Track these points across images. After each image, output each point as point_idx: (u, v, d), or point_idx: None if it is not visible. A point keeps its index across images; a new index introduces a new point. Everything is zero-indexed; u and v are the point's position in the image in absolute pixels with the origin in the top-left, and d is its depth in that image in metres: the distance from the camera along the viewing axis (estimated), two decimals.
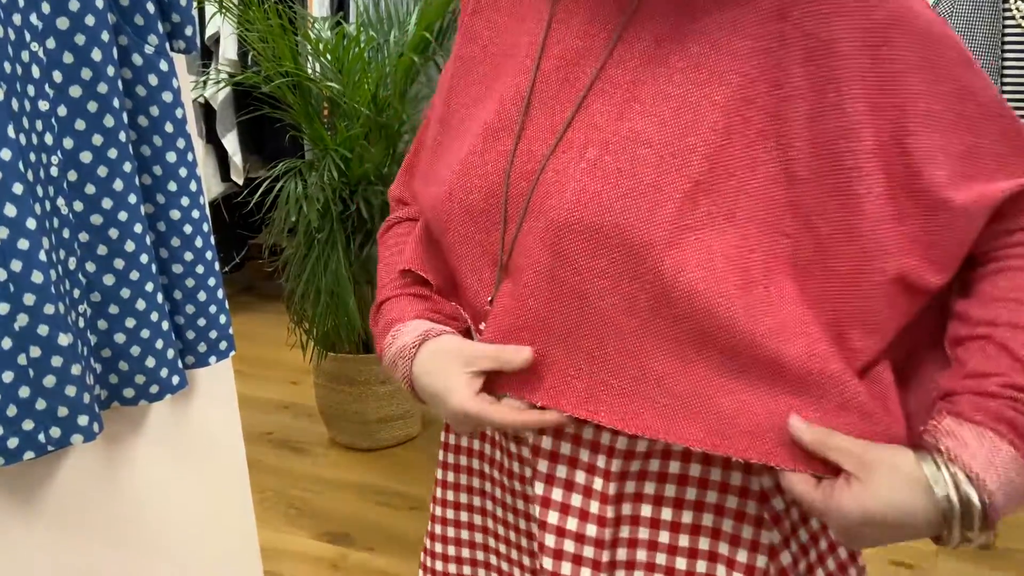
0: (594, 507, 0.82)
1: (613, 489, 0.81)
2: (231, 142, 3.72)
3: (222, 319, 1.71)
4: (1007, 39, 2.46)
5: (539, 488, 0.84)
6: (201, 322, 1.67)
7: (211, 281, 1.67)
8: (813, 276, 0.74)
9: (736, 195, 0.73)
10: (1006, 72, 2.49)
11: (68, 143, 1.40)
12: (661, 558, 0.82)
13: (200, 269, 1.64)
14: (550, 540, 0.83)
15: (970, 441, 0.67)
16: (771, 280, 0.74)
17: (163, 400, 1.71)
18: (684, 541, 0.81)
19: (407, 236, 0.99)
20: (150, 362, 1.55)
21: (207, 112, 3.70)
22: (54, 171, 1.37)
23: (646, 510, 0.82)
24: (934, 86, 0.71)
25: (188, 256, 1.62)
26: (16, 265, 1.28)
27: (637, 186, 0.74)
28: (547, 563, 0.83)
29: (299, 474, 2.76)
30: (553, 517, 0.83)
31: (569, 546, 0.83)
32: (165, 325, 1.57)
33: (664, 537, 0.82)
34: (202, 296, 1.66)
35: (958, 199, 0.71)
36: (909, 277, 0.72)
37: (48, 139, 1.36)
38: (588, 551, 0.82)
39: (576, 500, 0.83)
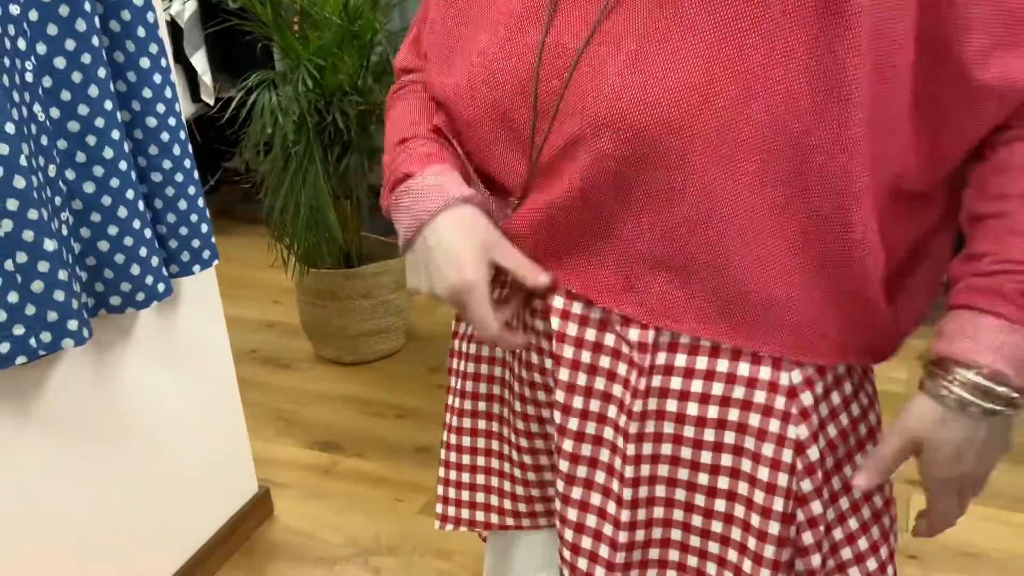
0: (619, 391, 0.81)
1: (642, 384, 0.79)
2: (199, 60, 3.66)
3: (204, 228, 1.72)
4: None
5: (564, 374, 0.82)
6: (183, 231, 1.68)
7: (191, 190, 1.68)
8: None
9: (792, 83, 0.67)
10: None
11: (41, 48, 1.39)
12: (686, 452, 0.80)
13: (179, 177, 1.65)
14: (573, 424, 0.82)
15: (958, 329, 0.70)
16: (821, 170, 0.70)
17: (150, 308, 1.74)
18: (710, 436, 0.79)
19: (427, 96, 0.89)
20: (135, 269, 1.56)
21: (173, 31, 3.64)
22: (29, 77, 1.36)
23: (671, 405, 0.79)
24: None
25: (167, 164, 1.62)
26: None
27: (686, 80, 0.68)
28: (568, 437, 0.83)
29: (286, 388, 2.80)
30: (578, 402, 0.82)
31: (591, 428, 0.82)
32: (148, 233, 1.58)
33: (689, 432, 0.79)
34: (183, 205, 1.66)
35: (984, 77, 0.69)
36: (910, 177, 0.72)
37: (21, 44, 1.34)
38: (614, 440, 0.82)
39: (600, 384, 0.81)
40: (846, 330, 0.76)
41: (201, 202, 1.70)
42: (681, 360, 0.78)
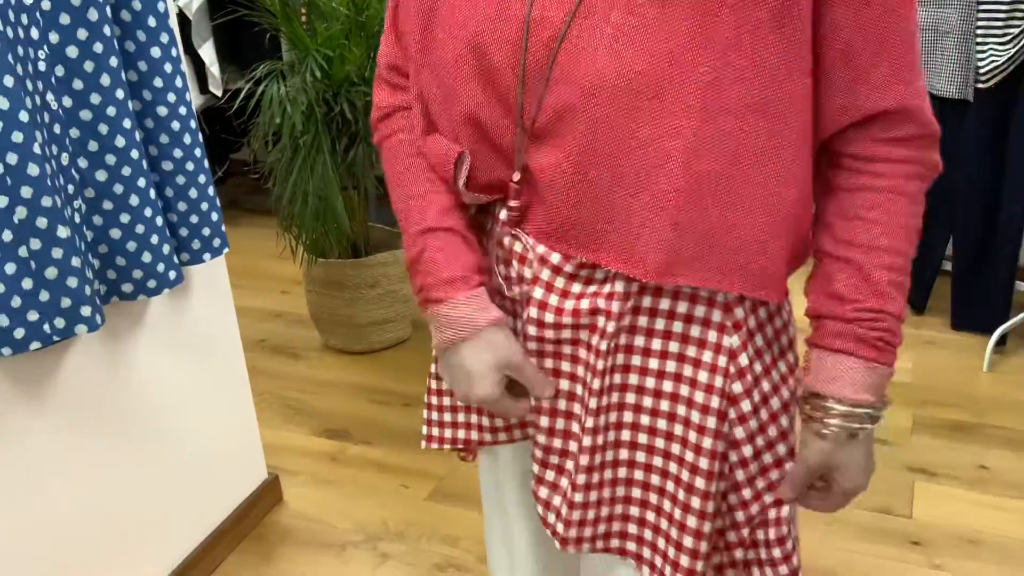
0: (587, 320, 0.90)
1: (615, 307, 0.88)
2: (207, 52, 3.68)
3: (214, 216, 1.74)
4: None
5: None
6: (194, 219, 1.70)
7: (201, 179, 1.69)
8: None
9: (761, 49, 0.76)
10: None
11: (54, 37, 1.41)
12: (636, 360, 0.89)
13: (190, 166, 1.66)
14: (532, 345, 0.93)
15: (828, 371, 0.86)
16: (788, 125, 0.80)
17: (161, 296, 1.76)
18: (656, 345, 0.88)
19: (412, 134, 0.97)
20: (146, 257, 1.58)
21: (181, 22, 3.65)
22: (42, 66, 1.38)
23: (627, 320, 0.88)
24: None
25: (177, 153, 1.64)
26: (12, 158, 1.30)
27: (669, 51, 0.75)
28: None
29: (295, 377, 2.82)
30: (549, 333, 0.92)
31: (567, 350, 0.92)
32: (159, 221, 1.60)
33: (639, 341, 0.89)
34: (193, 193, 1.68)
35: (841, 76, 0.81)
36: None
37: (34, 33, 1.36)
38: (585, 357, 0.91)
39: (567, 319, 0.90)
40: (788, 265, 0.87)
41: (211, 191, 1.72)
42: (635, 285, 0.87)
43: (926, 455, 2.31)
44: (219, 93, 3.76)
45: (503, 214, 0.92)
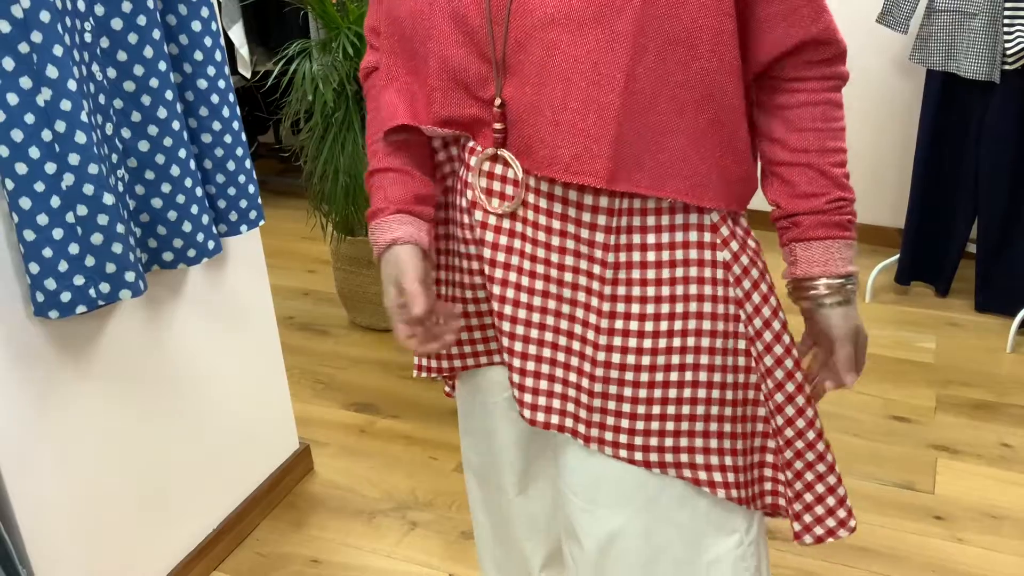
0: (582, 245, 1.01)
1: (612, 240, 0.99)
2: (237, 33, 3.72)
3: (251, 189, 1.77)
4: None
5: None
6: (231, 191, 1.74)
7: (239, 151, 1.73)
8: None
9: None
10: None
11: (99, 10, 1.44)
12: (637, 290, 1.00)
13: (228, 139, 1.70)
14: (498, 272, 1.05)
15: (819, 256, 1.02)
16: (713, 54, 0.92)
17: (199, 266, 1.80)
18: (651, 271, 0.99)
19: (377, 90, 1.10)
20: (186, 227, 1.62)
21: None
22: (87, 37, 1.42)
23: (623, 256, 0.99)
24: None
25: (216, 126, 1.68)
26: (60, 125, 1.34)
27: None
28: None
29: (323, 353, 2.87)
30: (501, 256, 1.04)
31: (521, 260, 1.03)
32: (199, 191, 1.63)
33: (636, 274, 1.00)
34: (231, 166, 1.72)
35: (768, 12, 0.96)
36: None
37: (80, 5, 1.40)
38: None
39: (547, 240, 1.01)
40: (730, 179, 0.99)
41: (248, 163, 1.75)
42: (625, 220, 0.98)
43: (949, 433, 2.33)
44: (248, 75, 3.80)
45: (471, 155, 1.02)
